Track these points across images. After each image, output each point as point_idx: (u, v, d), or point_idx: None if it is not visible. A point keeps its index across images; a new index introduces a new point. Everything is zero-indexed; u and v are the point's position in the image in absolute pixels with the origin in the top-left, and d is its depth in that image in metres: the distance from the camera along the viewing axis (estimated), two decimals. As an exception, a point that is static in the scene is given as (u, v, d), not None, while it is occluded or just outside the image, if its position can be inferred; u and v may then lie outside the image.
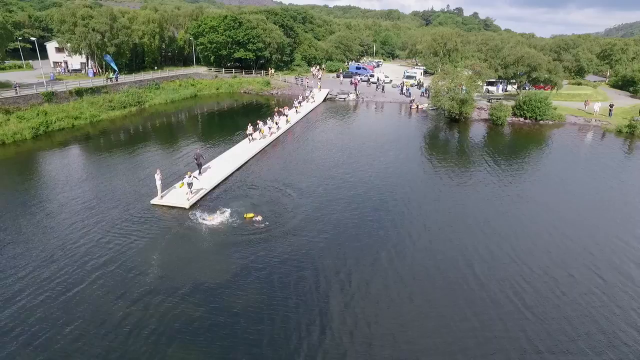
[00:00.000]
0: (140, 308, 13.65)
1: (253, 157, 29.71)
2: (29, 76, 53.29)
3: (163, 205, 20.95)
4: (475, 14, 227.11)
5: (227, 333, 12.70)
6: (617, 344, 12.86)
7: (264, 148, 31.96)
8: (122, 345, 12.15)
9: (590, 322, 13.78)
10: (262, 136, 33.57)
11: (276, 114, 39.34)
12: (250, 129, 32.21)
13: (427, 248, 18.22)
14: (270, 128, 35.03)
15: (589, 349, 12.58)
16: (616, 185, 27.22)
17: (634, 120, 41.09)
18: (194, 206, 21.10)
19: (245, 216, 19.90)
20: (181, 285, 14.84)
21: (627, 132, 40.63)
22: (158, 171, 21.06)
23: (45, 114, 36.93)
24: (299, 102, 45.78)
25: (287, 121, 39.14)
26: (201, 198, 22.05)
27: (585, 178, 28.57)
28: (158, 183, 20.84)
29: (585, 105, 48.56)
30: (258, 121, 34.35)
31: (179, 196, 21.64)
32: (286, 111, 41.10)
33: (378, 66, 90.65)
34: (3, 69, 60.11)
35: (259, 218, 19.74)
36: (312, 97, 52.10)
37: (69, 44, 56.56)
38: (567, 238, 19.52)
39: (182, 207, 20.72)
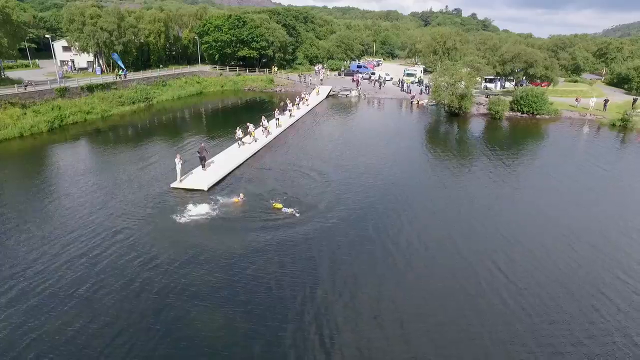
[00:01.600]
0: (165, 273, 14.94)
1: (260, 149, 31.01)
2: (37, 74, 54.46)
3: (182, 188, 22.25)
4: (474, 15, 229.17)
5: (248, 300, 13.79)
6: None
7: (267, 144, 32.00)
8: (138, 299, 13.57)
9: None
10: (254, 139, 30.92)
11: (279, 110, 38.72)
12: (239, 132, 29.46)
13: (433, 228, 19.67)
14: (266, 129, 32.85)
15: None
16: (606, 171, 28.62)
17: (626, 114, 42.56)
18: (212, 189, 22.44)
19: (273, 206, 20.20)
20: (199, 257, 16.03)
21: (620, 125, 42.11)
22: (178, 156, 22.43)
23: (60, 108, 38.18)
24: (297, 105, 43.52)
25: (279, 125, 36.43)
26: (217, 183, 23.35)
27: (577, 165, 29.90)
28: (178, 167, 22.14)
29: (577, 101, 49.87)
30: (248, 124, 31.40)
31: (197, 179, 23.01)
32: (277, 114, 37.50)
33: (378, 65, 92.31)
34: (11, 67, 61.32)
35: (289, 210, 19.65)
36: (306, 100, 47.06)
37: (77, 43, 57.87)
38: (556, 218, 20.95)
39: (201, 190, 22.03)
